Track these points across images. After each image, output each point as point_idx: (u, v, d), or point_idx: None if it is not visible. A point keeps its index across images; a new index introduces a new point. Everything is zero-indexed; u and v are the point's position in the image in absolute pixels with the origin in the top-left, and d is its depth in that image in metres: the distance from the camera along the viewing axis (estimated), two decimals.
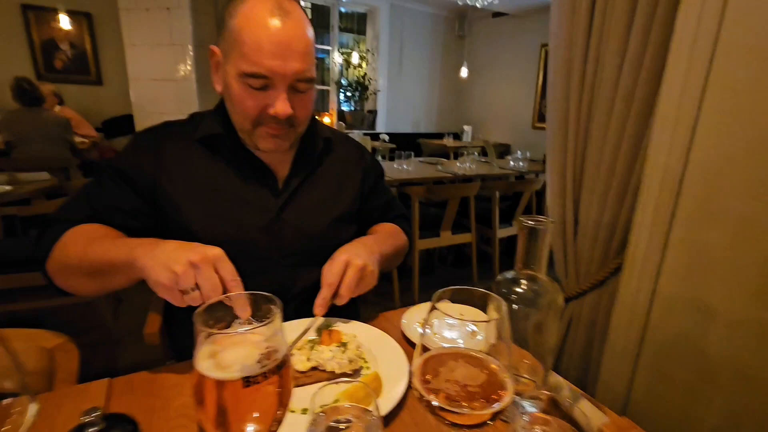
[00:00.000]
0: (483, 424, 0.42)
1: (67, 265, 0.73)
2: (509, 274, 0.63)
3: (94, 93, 4.72)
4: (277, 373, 0.41)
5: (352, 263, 0.75)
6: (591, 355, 1.24)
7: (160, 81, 4.09)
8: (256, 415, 0.41)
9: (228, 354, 0.42)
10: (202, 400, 0.40)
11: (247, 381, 0.39)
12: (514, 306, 0.60)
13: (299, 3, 0.75)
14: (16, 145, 3.03)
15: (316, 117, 0.95)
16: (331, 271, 0.74)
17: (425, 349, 0.45)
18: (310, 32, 0.77)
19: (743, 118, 0.79)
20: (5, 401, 0.36)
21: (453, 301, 0.45)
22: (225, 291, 0.59)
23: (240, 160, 0.86)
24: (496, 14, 6.19)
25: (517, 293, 0.60)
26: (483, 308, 0.49)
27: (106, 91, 4.77)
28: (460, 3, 3.74)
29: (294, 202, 0.89)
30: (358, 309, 1.02)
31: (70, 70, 4.57)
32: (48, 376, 0.80)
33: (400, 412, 0.62)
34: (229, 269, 0.60)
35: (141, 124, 4.26)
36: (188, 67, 4.00)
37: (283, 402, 0.42)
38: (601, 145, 1.11)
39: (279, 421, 0.44)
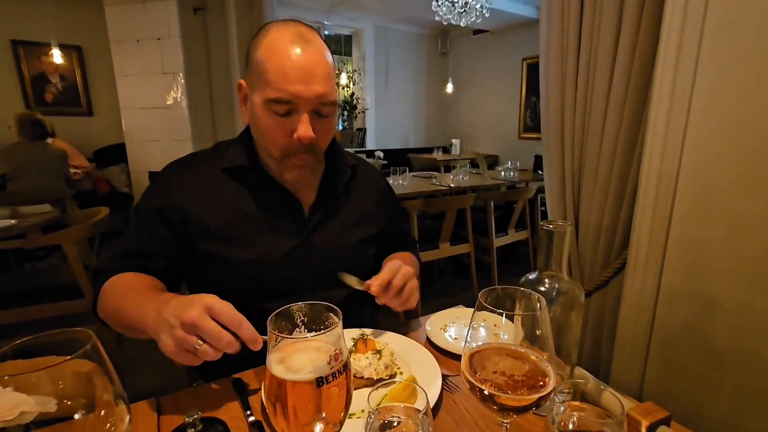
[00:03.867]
0: (529, 408, 0.46)
1: (109, 317, 0.79)
2: (531, 276, 0.68)
3: (85, 124, 4.73)
4: (344, 373, 0.45)
5: (403, 265, 0.82)
6: (600, 353, 1.28)
7: (151, 110, 4.13)
8: (326, 413, 0.44)
9: (295, 359, 0.46)
10: (276, 401, 0.43)
11: (320, 381, 0.43)
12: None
13: (319, 33, 0.80)
14: (11, 177, 3.02)
15: (338, 142, 0.99)
16: (389, 267, 0.81)
17: (470, 345, 0.50)
18: (330, 58, 0.80)
19: (728, 121, 0.86)
20: (101, 411, 0.39)
21: (494, 302, 0.50)
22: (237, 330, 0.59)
23: (266, 189, 0.89)
24: (477, 31, 6.40)
25: (541, 293, 0.65)
26: (519, 305, 0.54)
27: (97, 122, 4.79)
28: (444, 23, 3.88)
29: (321, 228, 0.92)
30: (376, 320, 1.06)
31: (61, 103, 4.58)
32: (88, 398, 0.82)
33: (439, 412, 0.66)
34: (224, 313, 0.58)
35: (133, 152, 4.28)
36: (180, 95, 4.05)
37: (348, 401, 0.46)
38: (597, 152, 1.18)
39: (342, 422, 0.47)
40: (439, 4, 3.78)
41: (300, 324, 0.49)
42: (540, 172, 4.09)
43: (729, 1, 0.85)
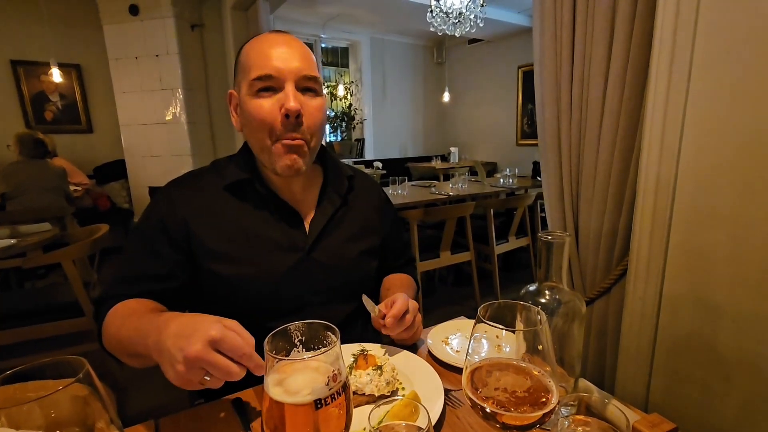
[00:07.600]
0: (532, 426, 0.45)
1: (113, 348, 0.77)
2: (532, 287, 0.67)
3: (85, 141, 4.76)
4: (342, 394, 0.44)
5: (410, 300, 0.82)
6: (605, 362, 1.27)
7: (151, 125, 4.16)
8: None
9: (294, 380, 0.45)
10: (275, 424, 0.43)
11: (318, 403, 0.42)
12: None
13: (312, 46, 0.83)
14: (11, 196, 3.03)
15: (333, 155, 1.00)
16: (401, 301, 0.80)
17: (471, 360, 0.49)
18: (311, 53, 0.86)
19: (725, 125, 0.86)
20: None
21: (494, 315, 0.49)
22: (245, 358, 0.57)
23: (266, 204, 0.89)
24: (472, 41, 6.47)
25: (541, 304, 0.64)
26: (521, 319, 0.53)
27: (96, 139, 4.82)
28: (439, 33, 3.91)
29: (322, 241, 0.92)
30: (378, 335, 1.05)
31: (61, 121, 4.61)
32: (82, 426, 0.80)
33: (442, 428, 0.65)
34: (232, 345, 0.54)
35: (133, 167, 4.31)
36: (178, 110, 4.08)
37: (347, 422, 0.46)
38: (595, 159, 1.18)
39: None
40: (434, 15, 3.82)
41: (298, 344, 0.49)
42: (539, 178, 4.10)
43: (720, 6, 0.85)
